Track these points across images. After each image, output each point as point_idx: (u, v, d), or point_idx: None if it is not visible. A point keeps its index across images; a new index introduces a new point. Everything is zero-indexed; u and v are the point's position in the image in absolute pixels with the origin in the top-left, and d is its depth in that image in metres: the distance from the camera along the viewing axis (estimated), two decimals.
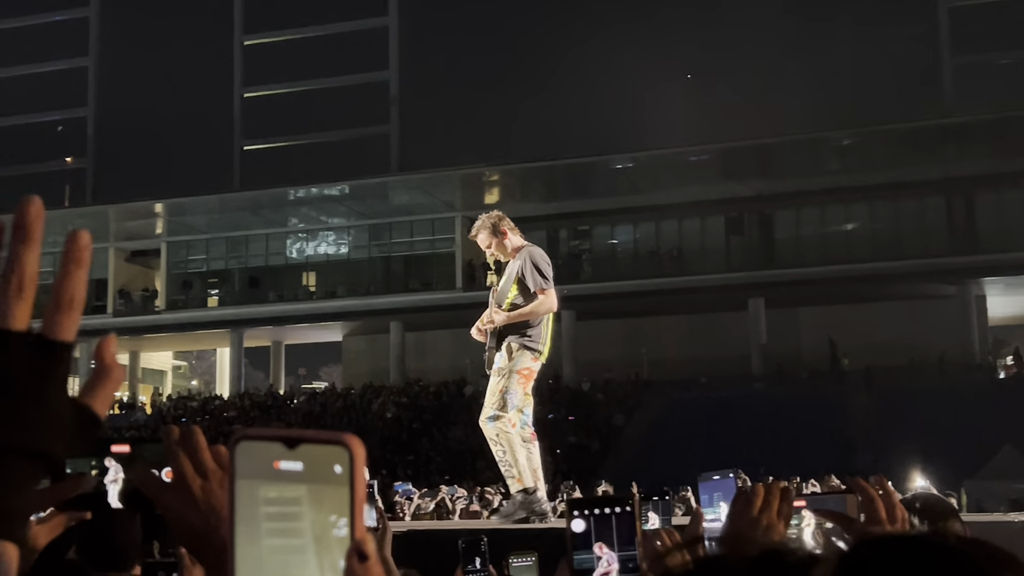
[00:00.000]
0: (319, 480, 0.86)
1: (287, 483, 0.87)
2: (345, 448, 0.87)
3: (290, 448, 0.87)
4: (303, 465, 0.87)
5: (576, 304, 40.64)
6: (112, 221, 44.28)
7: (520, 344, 7.02)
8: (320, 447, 0.87)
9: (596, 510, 1.80)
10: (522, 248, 7.14)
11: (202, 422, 41.09)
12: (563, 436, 35.67)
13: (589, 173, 39.73)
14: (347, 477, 0.86)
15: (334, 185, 41.20)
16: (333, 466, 0.86)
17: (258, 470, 0.87)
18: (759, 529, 1.78)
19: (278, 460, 0.87)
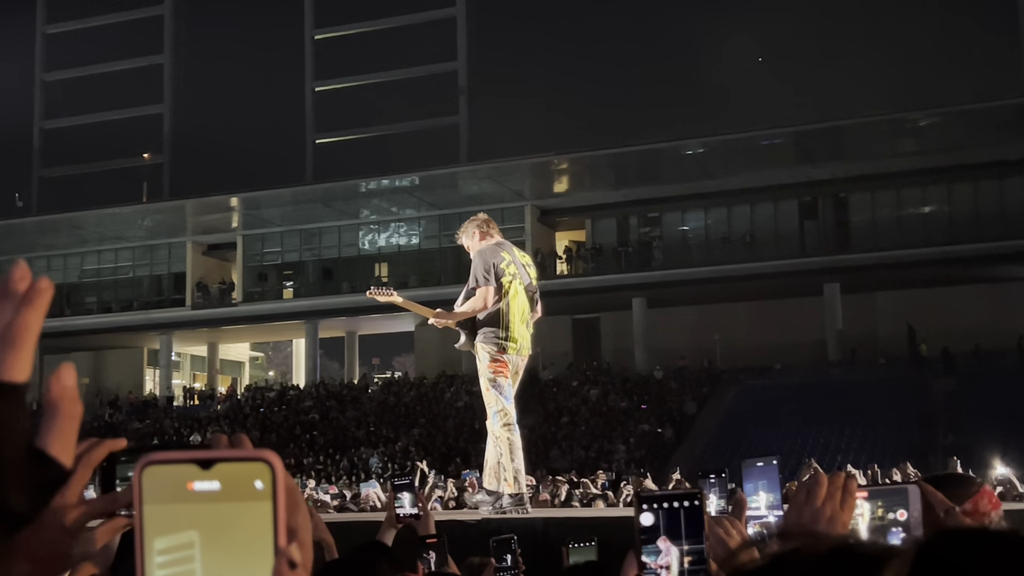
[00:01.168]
0: (239, 498, 0.87)
1: (203, 503, 0.87)
2: (265, 463, 0.89)
3: (205, 468, 0.87)
4: (220, 484, 0.88)
5: (647, 291, 40.45)
6: (189, 216, 45.10)
7: (483, 340, 7.22)
8: (238, 465, 0.88)
9: (664, 504, 1.81)
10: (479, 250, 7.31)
11: (279, 412, 41.76)
12: (635, 424, 35.56)
13: (659, 159, 39.44)
14: (269, 491, 0.88)
15: (404, 176, 41.47)
16: (253, 482, 0.88)
17: (170, 494, 0.87)
18: (822, 520, 1.77)
19: (192, 481, 0.87)
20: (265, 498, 0.88)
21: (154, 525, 0.87)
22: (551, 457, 33.13)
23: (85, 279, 48.59)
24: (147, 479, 0.88)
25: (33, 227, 46.76)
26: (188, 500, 0.87)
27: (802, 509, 1.79)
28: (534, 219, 42.85)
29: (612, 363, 41.42)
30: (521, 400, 7.14)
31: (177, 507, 0.87)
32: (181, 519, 0.87)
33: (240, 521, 0.88)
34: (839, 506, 1.80)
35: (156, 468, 0.88)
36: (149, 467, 0.88)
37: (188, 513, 0.87)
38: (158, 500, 0.87)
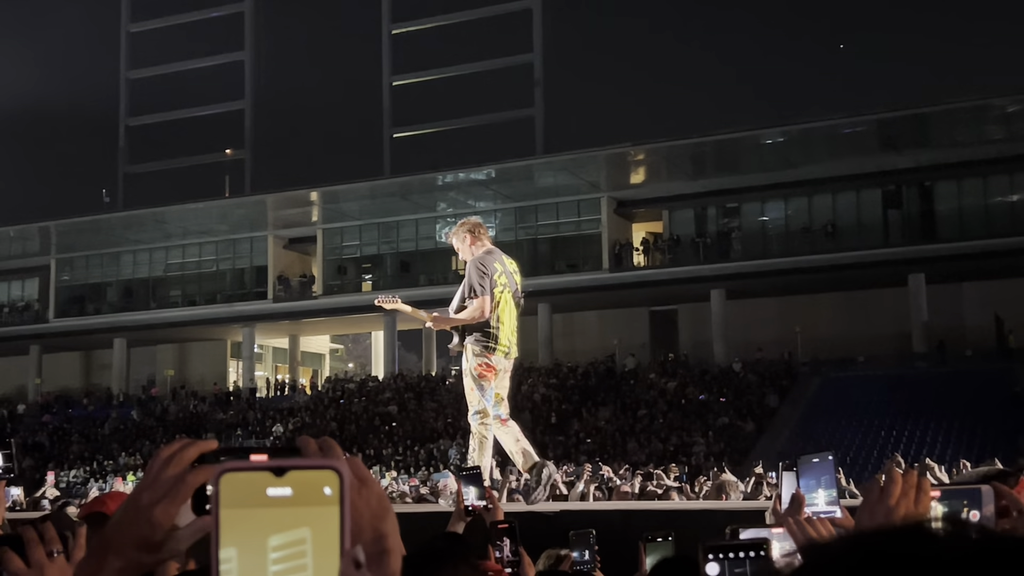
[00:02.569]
0: (310, 502, 0.94)
1: (277, 508, 0.93)
2: (334, 471, 0.95)
3: (278, 476, 0.94)
4: (292, 490, 0.94)
5: (726, 283, 39.99)
6: (270, 210, 45.78)
7: (473, 343, 7.43)
8: (309, 473, 0.95)
9: (731, 554, 1.77)
10: (475, 257, 7.53)
11: (359, 403, 42.23)
12: (715, 417, 35.22)
13: (738, 149, 38.94)
14: (337, 497, 0.94)
15: (480, 169, 41.57)
16: (323, 488, 0.94)
17: (246, 499, 0.93)
18: (896, 519, 1.71)
19: (267, 487, 0.94)
20: (333, 503, 0.95)
21: (230, 528, 0.93)
22: (629, 450, 32.98)
23: (170, 273, 49.64)
24: (224, 485, 0.94)
25: (119, 222, 47.90)
26: (262, 505, 0.94)
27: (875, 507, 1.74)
28: (610, 210, 42.62)
29: (690, 355, 41.07)
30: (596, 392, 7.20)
31: (252, 511, 0.94)
32: (255, 523, 0.94)
33: (311, 524, 0.94)
34: (913, 505, 1.75)
35: (233, 475, 0.95)
36: (226, 474, 0.95)
37: (262, 517, 0.94)
38: (234, 505, 0.94)
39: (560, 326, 43.59)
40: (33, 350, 50.80)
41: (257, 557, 0.93)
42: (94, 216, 48.12)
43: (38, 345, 50.83)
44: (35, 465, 41.16)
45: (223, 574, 0.92)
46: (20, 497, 16.30)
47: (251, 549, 0.93)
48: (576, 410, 37.72)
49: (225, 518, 0.93)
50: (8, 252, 50.89)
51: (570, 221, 43.46)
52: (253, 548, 0.93)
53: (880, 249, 38.24)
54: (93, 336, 49.75)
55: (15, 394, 51.06)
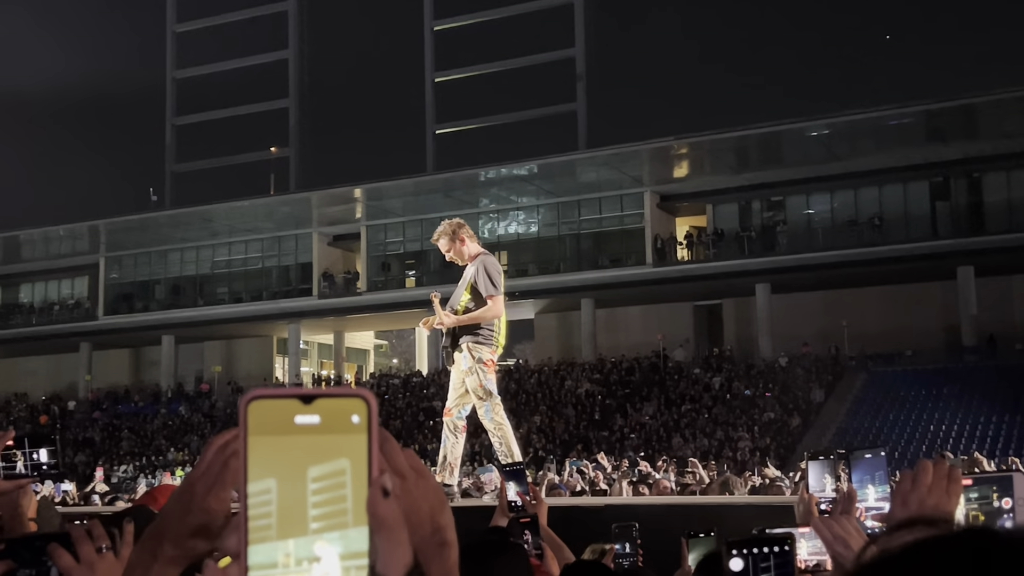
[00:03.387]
0: (338, 430, 0.94)
1: (304, 435, 0.93)
2: (362, 399, 0.95)
3: (306, 404, 0.94)
4: (320, 418, 0.94)
5: (771, 277, 39.69)
6: (315, 207, 46.11)
7: (475, 342, 7.55)
8: (337, 400, 0.94)
9: (755, 549, 1.77)
10: (478, 256, 7.63)
11: (403, 399, 42.44)
12: (760, 412, 34.99)
13: (782, 142, 38.61)
14: (365, 425, 0.94)
15: (523, 164, 41.57)
16: (351, 416, 0.94)
17: (274, 426, 0.93)
18: (928, 509, 1.72)
19: (295, 415, 0.94)
20: (361, 431, 0.94)
21: (264, 457, 0.93)
22: (674, 445, 32.87)
23: (217, 270, 50.17)
24: (252, 413, 0.94)
25: (167, 221, 48.49)
26: (290, 432, 0.93)
27: (908, 497, 1.75)
28: (653, 205, 42.45)
29: (735, 350, 40.82)
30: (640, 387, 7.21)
31: (280, 439, 0.93)
32: (290, 452, 0.93)
33: (336, 452, 0.94)
34: (945, 494, 1.76)
35: (261, 403, 0.94)
36: (255, 401, 0.94)
37: (291, 444, 0.93)
38: (262, 432, 0.94)
39: (603, 321, 43.51)
40: (83, 347, 51.60)
41: (297, 487, 0.93)
42: (142, 215, 48.76)
43: (88, 342, 51.62)
44: (86, 461, 41.84)
45: (262, 505, 0.93)
46: (73, 492, 16.57)
47: (291, 479, 0.93)
48: (620, 405, 37.65)
49: (253, 445, 0.93)
50: (58, 251, 51.73)
51: (613, 216, 43.35)
52: (293, 478, 0.93)
53: (928, 242, 37.74)
54: (142, 333, 50.42)
55: (66, 391, 51.91)
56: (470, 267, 7.64)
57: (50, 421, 48.06)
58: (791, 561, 1.78)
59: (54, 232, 49.76)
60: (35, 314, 53.50)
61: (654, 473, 13.00)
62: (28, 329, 52.79)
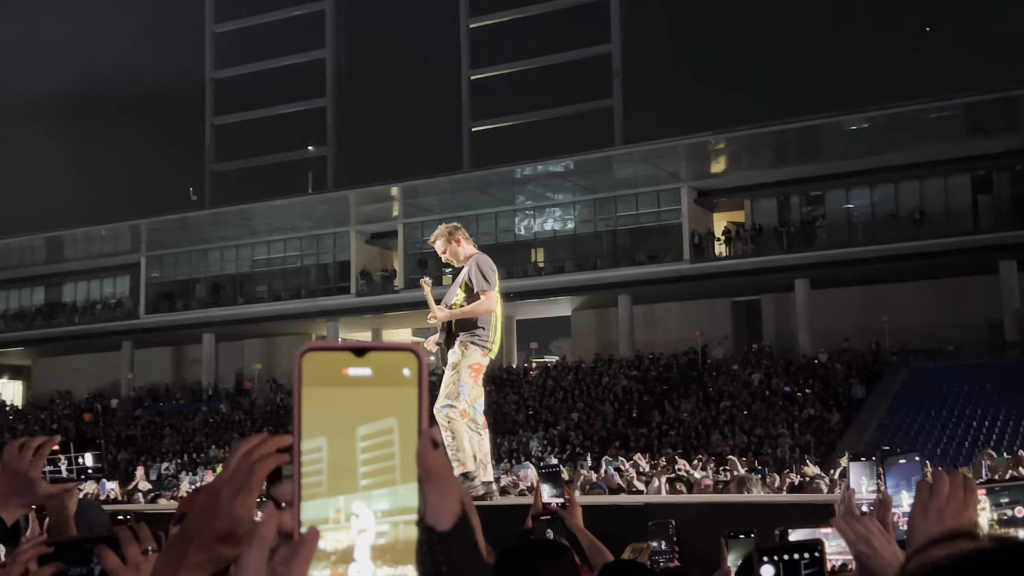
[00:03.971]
0: (389, 383, 0.96)
1: (356, 387, 0.95)
2: (413, 354, 0.97)
3: (359, 356, 0.96)
4: (372, 371, 0.96)
5: (811, 272, 39.39)
6: (352, 205, 46.33)
7: (470, 341, 7.56)
8: (388, 354, 0.97)
9: (785, 556, 1.78)
10: (472, 256, 7.74)
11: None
12: (800, 409, 34.74)
13: (820, 135, 38.28)
14: (416, 378, 0.97)
15: (559, 161, 41.53)
16: (402, 370, 0.96)
17: (327, 377, 0.95)
18: (947, 518, 1.73)
19: (347, 367, 0.95)
20: (412, 384, 0.97)
21: (312, 406, 0.96)
22: (712, 442, 32.72)
23: (256, 269, 50.57)
24: (307, 364, 0.96)
25: (207, 220, 48.94)
26: (343, 384, 0.96)
27: (927, 508, 1.76)
28: (691, 200, 42.26)
29: (774, 346, 40.56)
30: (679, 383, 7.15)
31: (333, 390, 0.95)
32: (336, 401, 0.95)
33: (390, 404, 0.96)
34: (963, 505, 1.78)
35: (315, 355, 0.97)
36: (309, 353, 0.97)
37: (343, 396, 0.96)
38: (316, 383, 0.96)
39: (641, 317, 43.39)
40: (125, 346, 52.23)
41: (347, 447, 0.95)
42: (182, 214, 49.24)
43: (130, 341, 52.23)
44: (128, 458, 42.35)
45: (314, 463, 0.95)
46: (117, 490, 16.79)
47: (340, 439, 0.95)
48: (658, 402, 37.53)
49: (307, 396, 0.95)
50: (100, 250, 52.39)
51: (650, 212, 43.22)
52: (342, 438, 0.95)
53: (969, 236, 37.29)
54: (182, 331, 50.95)
55: (109, 389, 52.57)
56: (464, 267, 7.75)
57: (94, 418, 48.72)
58: (822, 568, 1.78)
59: (96, 232, 50.40)
60: (78, 313, 54.23)
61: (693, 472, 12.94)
62: (71, 328, 53.53)
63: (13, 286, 56.31)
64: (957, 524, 1.74)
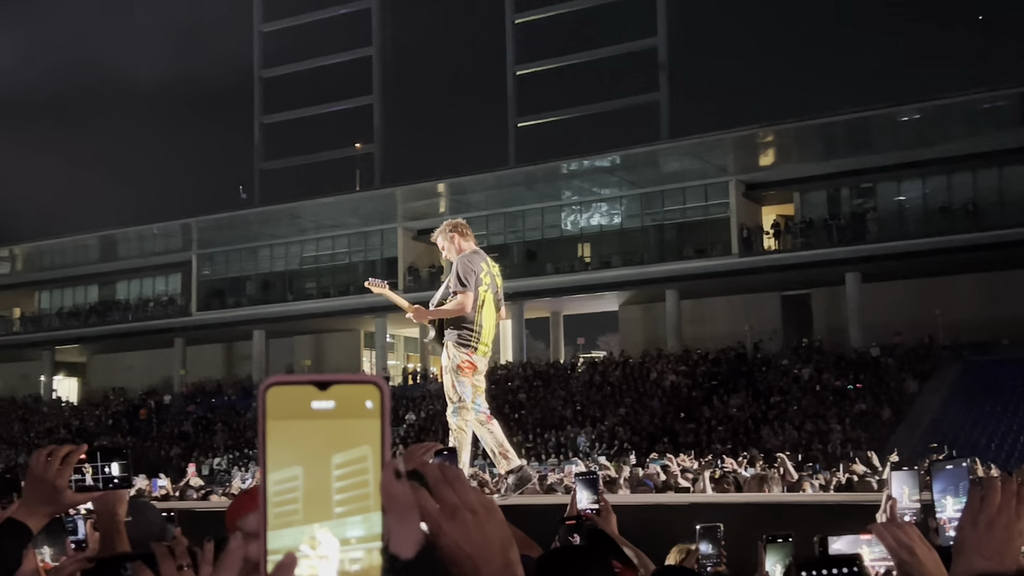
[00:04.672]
0: (352, 415, 0.98)
1: (320, 420, 0.97)
2: (375, 386, 0.99)
3: (322, 389, 0.98)
4: (335, 403, 0.98)
5: (862, 265, 38.95)
6: (399, 202, 46.56)
7: (454, 341, 7.70)
8: (351, 387, 0.98)
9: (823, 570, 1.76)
10: (462, 253, 7.84)
11: (488, 391, 42.58)
12: (851, 404, 34.36)
13: (871, 127, 37.79)
14: (378, 410, 0.98)
15: (605, 156, 41.39)
16: (365, 402, 0.98)
17: (292, 411, 0.97)
18: (998, 528, 1.68)
19: (312, 400, 0.98)
20: (375, 416, 0.99)
21: (276, 438, 0.97)
22: (763, 437, 32.47)
23: (305, 266, 51.01)
24: (271, 398, 0.98)
25: (256, 218, 49.43)
26: (307, 417, 0.97)
27: (977, 516, 1.71)
28: (739, 194, 41.93)
29: (824, 340, 40.14)
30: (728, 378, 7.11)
31: (297, 423, 0.97)
32: (300, 434, 0.97)
33: (352, 436, 0.98)
34: (1015, 514, 1.71)
35: (279, 388, 0.98)
36: (273, 387, 0.98)
37: (306, 429, 0.97)
38: (280, 416, 0.98)
39: (689, 312, 43.16)
40: (177, 343, 52.94)
41: (322, 474, 0.97)
42: (232, 212, 49.78)
43: (182, 338, 52.93)
44: (181, 454, 42.93)
45: (289, 491, 0.96)
46: (168, 487, 17.01)
47: (316, 466, 0.97)
48: (707, 397, 37.32)
49: (272, 429, 0.97)
50: (152, 249, 53.14)
51: (697, 206, 42.95)
52: (318, 466, 0.97)
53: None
54: (233, 328, 51.53)
55: (161, 385, 53.33)
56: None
57: (149, 414, 49.45)
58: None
59: (148, 231, 51.12)
60: (131, 311, 55.06)
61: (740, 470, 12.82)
62: (125, 325, 54.36)
63: (68, 284, 57.32)
64: (1008, 535, 1.70)
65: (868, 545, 2.39)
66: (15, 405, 55.58)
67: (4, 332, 58.92)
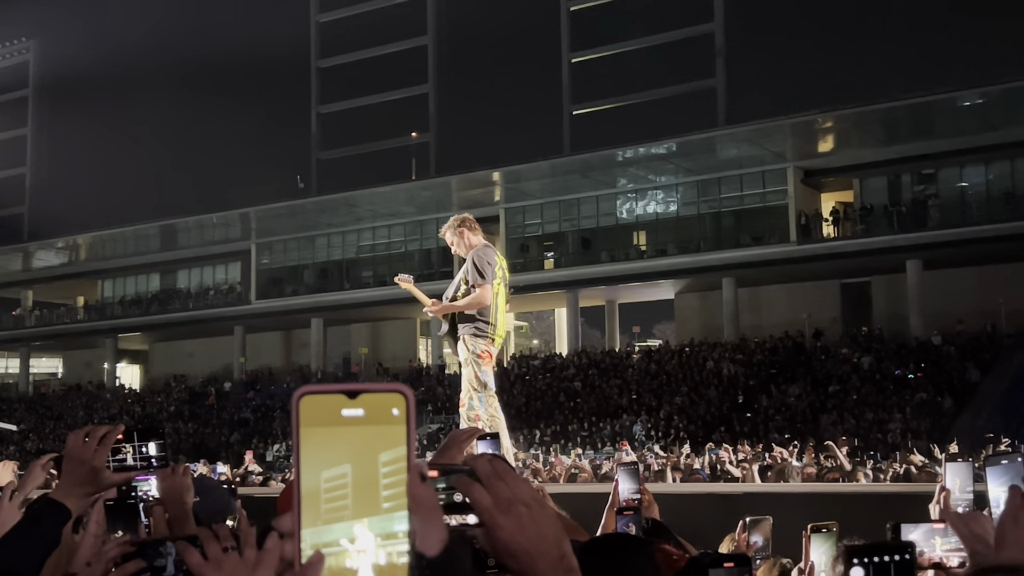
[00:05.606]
0: (380, 422, 1.04)
1: (349, 426, 1.03)
2: (401, 394, 1.05)
3: (351, 398, 1.04)
4: (364, 411, 1.04)
5: (923, 253, 38.33)
6: (454, 191, 46.70)
7: (471, 333, 7.84)
8: (379, 395, 1.05)
9: (875, 557, 1.74)
10: (474, 247, 7.94)
11: (543, 380, 42.70)
12: (912, 393, 33.87)
13: (933, 112, 37.11)
14: (404, 417, 1.05)
15: (661, 143, 41.12)
16: (391, 409, 1.04)
17: (323, 418, 1.03)
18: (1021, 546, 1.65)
19: (342, 408, 1.04)
20: (400, 422, 1.05)
21: (309, 444, 1.03)
22: (821, 426, 32.13)
23: (361, 255, 51.41)
24: (304, 407, 1.04)
25: (313, 207, 49.90)
26: (337, 423, 1.04)
27: (1018, 514, 1.68)
28: (797, 181, 41.44)
29: (884, 329, 39.58)
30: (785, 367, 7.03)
31: (329, 429, 1.03)
32: (332, 439, 1.03)
33: (381, 442, 1.05)
34: None
35: (311, 398, 1.04)
36: (305, 397, 1.04)
37: (337, 434, 1.03)
38: (312, 424, 1.03)
39: (746, 300, 42.80)
40: (237, 331, 53.67)
41: (370, 472, 1.03)
42: (290, 201, 50.29)
43: (241, 326, 53.65)
44: (241, 440, 43.57)
45: (337, 488, 1.02)
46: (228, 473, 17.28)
47: (364, 464, 1.04)
48: (764, 386, 37.01)
49: (305, 435, 1.03)
50: (212, 238, 53.91)
51: (755, 193, 42.53)
52: (366, 463, 1.04)
53: None
54: (292, 316, 52.11)
55: (222, 373, 54.14)
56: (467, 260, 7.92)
57: (215, 401, 50.27)
58: (913, 571, 1.74)
59: (208, 220, 51.85)
60: (192, 299, 55.94)
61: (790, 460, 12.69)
62: (185, 314, 55.24)
63: (130, 273, 58.37)
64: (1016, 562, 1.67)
65: (942, 535, 2.36)
66: (80, 392, 56.79)
67: (68, 320, 60.24)
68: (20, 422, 49.70)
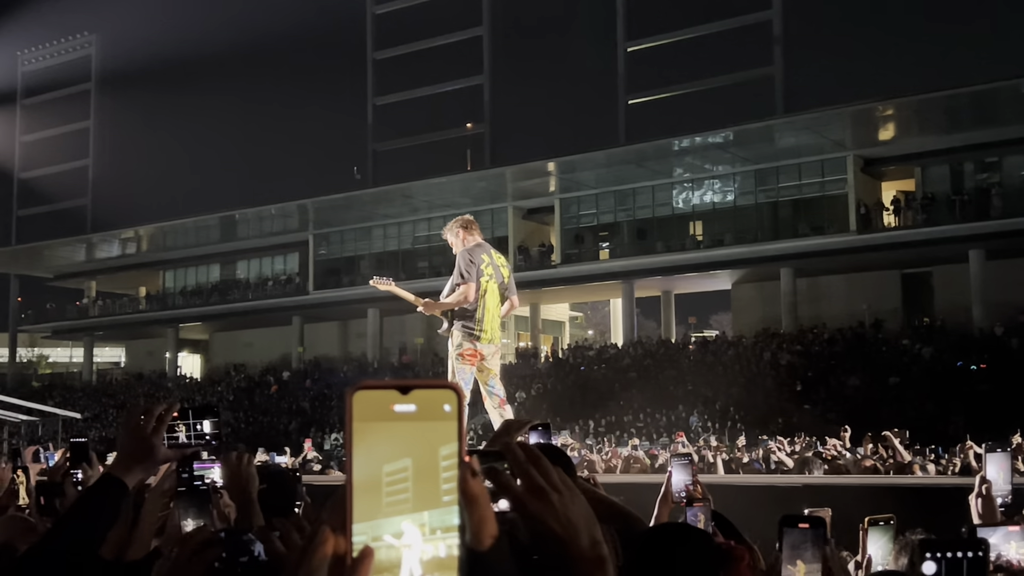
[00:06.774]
0: (431, 418, 1.05)
1: (402, 422, 1.04)
2: (452, 391, 1.06)
3: (404, 394, 1.05)
4: (416, 407, 1.05)
5: (986, 242, 37.63)
6: (509, 182, 46.71)
7: (459, 330, 8.18)
8: (430, 391, 1.06)
9: (948, 553, 1.72)
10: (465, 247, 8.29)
11: (599, 370, 42.62)
12: (974, 384, 33.28)
13: (997, 99, 36.35)
14: (455, 413, 1.06)
15: (718, 132, 40.76)
16: (443, 406, 1.06)
17: (376, 414, 1.04)
18: None
19: (393, 404, 1.05)
20: (452, 418, 1.06)
21: (362, 439, 1.05)
22: (881, 418, 31.66)
23: (417, 245, 51.65)
24: (357, 402, 1.05)
25: (370, 198, 50.22)
26: (390, 419, 1.05)
27: None
28: (857, 170, 40.86)
29: (946, 320, 38.92)
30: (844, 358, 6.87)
31: (381, 424, 1.05)
32: (385, 434, 1.05)
33: (433, 437, 1.06)
34: None
35: (364, 393, 1.06)
36: (359, 392, 1.05)
37: (390, 429, 1.05)
38: (366, 419, 1.05)
39: (805, 291, 42.33)
40: (295, 320, 54.27)
41: (431, 465, 1.05)
42: (347, 193, 50.67)
43: (300, 316, 54.24)
44: (299, 428, 44.06)
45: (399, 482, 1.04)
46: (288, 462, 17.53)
47: (424, 458, 1.05)
48: (823, 377, 36.59)
49: (358, 430, 1.04)
50: (271, 229, 54.52)
51: (813, 182, 42.01)
52: (426, 457, 1.05)
53: None
54: (349, 306, 52.53)
55: (280, 362, 54.78)
56: None
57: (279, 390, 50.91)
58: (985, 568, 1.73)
59: (267, 211, 52.44)
60: (251, 289, 56.65)
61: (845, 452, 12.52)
62: (245, 304, 55.97)
63: (191, 264, 59.27)
64: None
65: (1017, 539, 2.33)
66: (142, 381, 57.82)
67: (131, 310, 61.39)
68: (84, 410, 50.72)
